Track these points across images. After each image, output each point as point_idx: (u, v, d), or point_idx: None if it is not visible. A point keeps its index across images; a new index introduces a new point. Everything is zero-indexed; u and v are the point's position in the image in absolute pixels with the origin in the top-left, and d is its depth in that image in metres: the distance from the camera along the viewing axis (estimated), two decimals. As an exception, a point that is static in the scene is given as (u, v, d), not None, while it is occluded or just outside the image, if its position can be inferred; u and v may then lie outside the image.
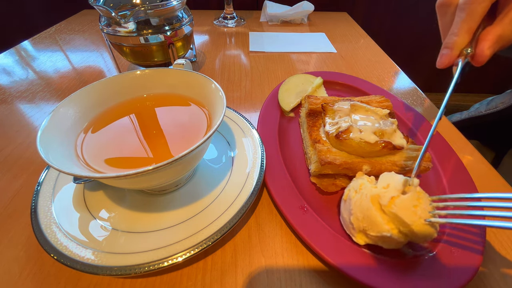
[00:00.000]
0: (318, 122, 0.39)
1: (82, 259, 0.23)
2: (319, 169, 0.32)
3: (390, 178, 0.27)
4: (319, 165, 0.31)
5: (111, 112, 0.32)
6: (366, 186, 0.27)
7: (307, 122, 0.39)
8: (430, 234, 0.24)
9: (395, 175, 0.27)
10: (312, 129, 0.38)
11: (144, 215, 0.29)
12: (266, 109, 0.44)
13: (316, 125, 0.39)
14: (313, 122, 0.39)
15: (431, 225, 0.24)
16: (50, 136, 0.24)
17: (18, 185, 0.34)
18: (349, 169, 0.31)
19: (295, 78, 0.51)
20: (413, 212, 0.24)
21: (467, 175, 0.34)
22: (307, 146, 0.38)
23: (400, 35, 1.28)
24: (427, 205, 0.24)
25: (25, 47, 0.69)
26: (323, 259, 0.26)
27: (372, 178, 0.28)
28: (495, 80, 1.44)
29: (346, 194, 0.29)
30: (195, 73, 0.32)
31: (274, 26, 0.88)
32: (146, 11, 0.45)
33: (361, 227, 0.26)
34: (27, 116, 0.46)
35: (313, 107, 0.40)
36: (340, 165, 0.31)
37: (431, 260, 0.26)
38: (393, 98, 0.48)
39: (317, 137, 0.36)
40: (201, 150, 0.27)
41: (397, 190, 0.25)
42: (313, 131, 0.37)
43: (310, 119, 0.40)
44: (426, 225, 0.23)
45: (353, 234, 0.28)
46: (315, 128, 0.38)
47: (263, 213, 0.32)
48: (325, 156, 0.31)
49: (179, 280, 0.26)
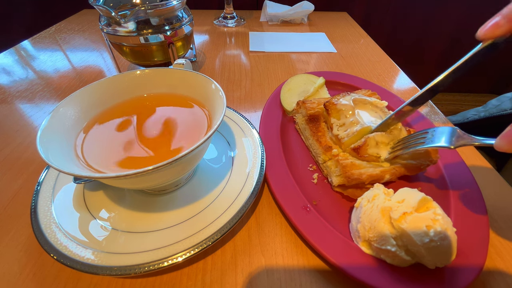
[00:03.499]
0: (321, 127, 0.38)
1: (82, 259, 0.23)
2: (343, 182, 0.32)
3: (407, 194, 0.26)
4: (344, 179, 0.31)
5: (111, 112, 0.31)
6: (380, 197, 0.26)
7: (310, 128, 0.38)
8: (444, 258, 0.23)
9: (413, 191, 0.26)
10: (318, 135, 0.37)
11: (144, 215, 0.29)
12: (268, 109, 0.44)
13: (320, 130, 0.38)
14: (316, 127, 0.38)
15: (446, 247, 0.22)
16: (50, 136, 0.24)
17: (18, 185, 0.34)
18: (375, 180, 0.31)
19: (297, 78, 0.51)
20: (425, 233, 0.22)
21: (471, 177, 0.34)
22: (317, 154, 0.37)
23: (400, 35, 1.28)
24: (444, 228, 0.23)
25: (25, 46, 0.69)
26: (326, 258, 0.26)
27: (390, 191, 0.27)
28: (495, 80, 1.44)
29: (359, 202, 0.29)
30: (195, 73, 0.32)
31: (274, 26, 0.88)
32: (146, 11, 0.45)
33: (367, 237, 0.26)
34: (27, 116, 0.46)
35: (311, 112, 0.39)
36: (366, 179, 0.30)
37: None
38: (396, 98, 0.48)
39: (327, 143, 0.36)
40: (201, 150, 0.27)
41: (412, 207, 0.24)
42: (320, 137, 0.37)
43: (312, 125, 0.38)
44: (439, 247, 0.22)
45: (358, 242, 0.27)
46: (320, 133, 0.37)
47: (263, 213, 0.32)
48: (351, 172, 0.31)
49: (179, 280, 0.26)
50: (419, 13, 1.21)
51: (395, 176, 0.32)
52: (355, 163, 0.32)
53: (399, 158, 0.33)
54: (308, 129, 0.39)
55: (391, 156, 0.32)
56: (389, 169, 0.32)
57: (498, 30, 0.23)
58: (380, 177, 0.31)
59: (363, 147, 0.32)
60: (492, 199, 0.33)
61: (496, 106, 0.55)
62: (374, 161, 0.33)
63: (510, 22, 0.23)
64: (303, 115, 0.40)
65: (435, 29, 1.27)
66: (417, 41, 1.30)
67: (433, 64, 1.39)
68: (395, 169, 0.32)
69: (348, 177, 0.31)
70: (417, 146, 0.30)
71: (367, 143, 0.33)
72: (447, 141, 0.28)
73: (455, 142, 0.27)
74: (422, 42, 1.31)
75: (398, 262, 0.25)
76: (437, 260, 0.23)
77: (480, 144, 0.26)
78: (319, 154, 0.36)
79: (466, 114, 0.60)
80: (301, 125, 0.41)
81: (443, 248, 0.23)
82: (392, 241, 0.24)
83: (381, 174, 0.31)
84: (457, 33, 1.27)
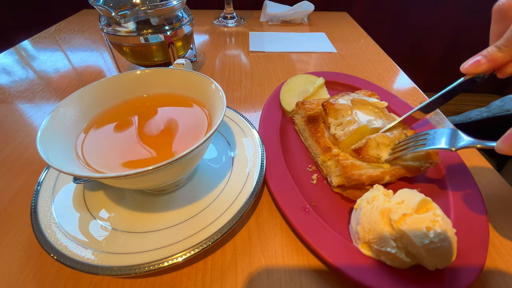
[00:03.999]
0: (320, 127, 0.38)
1: (82, 259, 0.23)
2: (343, 182, 0.32)
3: (407, 195, 0.25)
4: (344, 180, 0.31)
5: (111, 112, 0.31)
6: (380, 198, 0.26)
7: (309, 129, 0.38)
8: (445, 260, 0.23)
9: (412, 192, 0.26)
10: (317, 136, 0.37)
11: (144, 215, 0.29)
12: (267, 109, 0.44)
13: (319, 130, 0.38)
14: (315, 128, 0.38)
15: (446, 248, 0.22)
16: (50, 136, 0.24)
17: (18, 185, 0.34)
18: (374, 181, 0.31)
19: (297, 78, 0.51)
20: (425, 234, 0.22)
21: (471, 177, 0.34)
22: (316, 154, 0.37)
23: (400, 35, 1.28)
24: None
25: (25, 46, 0.69)
26: (325, 260, 0.26)
27: (389, 192, 0.27)
28: (497, 80, 1.44)
29: (358, 203, 0.29)
30: (195, 73, 0.32)
31: (274, 26, 0.88)
32: (146, 11, 0.45)
33: (366, 239, 0.26)
34: (27, 116, 0.46)
35: (311, 113, 0.39)
36: (366, 180, 0.30)
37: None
38: (396, 98, 0.48)
39: (326, 144, 0.36)
40: (201, 150, 0.27)
41: (411, 208, 0.24)
42: (319, 138, 0.37)
43: (311, 125, 0.39)
44: (439, 248, 0.22)
45: (357, 244, 0.27)
46: (319, 134, 0.37)
47: (263, 213, 0.32)
48: (351, 173, 0.31)
49: (179, 280, 0.26)
50: (419, 13, 1.21)
51: (395, 177, 0.32)
52: (356, 164, 0.32)
53: (399, 159, 0.33)
54: (307, 130, 0.39)
55: (392, 157, 0.32)
56: (389, 171, 0.32)
57: (479, 67, 0.26)
58: (380, 178, 0.31)
59: (365, 148, 0.32)
60: (492, 199, 0.33)
61: (499, 107, 0.55)
62: (374, 162, 0.33)
63: (489, 63, 0.26)
64: (302, 116, 0.40)
65: (435, 29, 1.27)
66: (417, 41, 1.30)
67: (433, 64, 1.39)
68: (395, 171, 0.32)
69: (348, 178, 0.30)
70: (417, 148, 0.30)
71: (368, 144, 0.33)
72: (448, 143, 0.28)
73: (456, 144, 0.27)
74: (422, 42, 1.31)
75: (398, 264, 0.25)
76: (437, 261, 0.23)
77: (481, 146, 0.26)
78: (318, 155, 0.36)
79: (469, 115, 0.61)
80: (300, 126, 0.41)
81: (443, 250, 0.23)
82: (392, 243, 0.24)
83: (381, 175, 0.31)
84: (457, 33, 1.27)
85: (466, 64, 0.27)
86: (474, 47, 0.27)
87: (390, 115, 0.38)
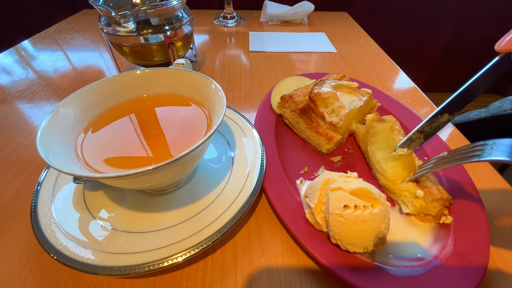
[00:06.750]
0: (313, 117, 0.40)
1: (82, 259, 0.23)
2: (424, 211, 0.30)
3: (360, 182, 0.27)
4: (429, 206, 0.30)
5: (111, 112, 0.31)
6: (339, 179, 0.28)
7: (304, 121, 0.39)
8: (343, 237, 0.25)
9: (365, 183, 0.27)
10: (313, 126, 0.38)
11: (144, 215, 0.29)
12: (261, 112, 0.44)
13: (314, 120, 0.39)
14: (309, 118, 0.39)
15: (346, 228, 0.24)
16: (50, 136, 0.24)
17: (18, 185, 0.34)
18: None
19: (289, 80, 0.51)
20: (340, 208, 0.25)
21: (468, 178, 0.33)
22: (318, 144, 0.38)
23: (400, 35, 1.28)
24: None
25: (25, 46, 0.69)
26: (320, 263, 0.25)
27: (354, 175, 0.29)
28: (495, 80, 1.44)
29: None
30: (195, 73, 0.32)
31: (274, 26, 0.88)
32: (146, 11, 0.45)
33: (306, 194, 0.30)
34: (27, 116, 0.46)
35: (302, 106, 0.40)
36: None
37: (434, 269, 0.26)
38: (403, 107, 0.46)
39: (327, 133, 0.37)
40: (201, 150, 0.27)
41: (349, 188, 0.26)
42: (317, 127, 0.38)
43: (305, 117, 0.40)
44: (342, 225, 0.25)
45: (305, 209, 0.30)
46: (314, 124, 0.39)
47: (263, 213, 0.32)
48: None
49: (179, 280, 0.26)
50: (419, 13, 1.21)
51: None
52: None
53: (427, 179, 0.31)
54: (302, 122, 0.40)
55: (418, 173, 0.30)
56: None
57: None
58: None
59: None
60: (493, 199, 0.33)
61: (498, 107, 0.56)
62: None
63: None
64: (293, 109, 0.41)
65: (435, 29, 1.27)
66: (417, 41, 1.30)
67: (433, 64, 1.39)
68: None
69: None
70: (467, 160, 0.26)
71: None
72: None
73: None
74: (422, 42, 1.31)
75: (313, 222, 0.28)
76: (336, 234, 0.25)
77: None
78: (322, 144, 0.37)
79: (468, 115, 0.62)
80: (291, 119, 0.42)
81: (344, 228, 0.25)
82: (315, 200, 0.27)
83: None
84: (457, 33, 1.27)
85: (502, 41, 0.25)
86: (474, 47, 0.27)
87: (363, 91, 0.41)
